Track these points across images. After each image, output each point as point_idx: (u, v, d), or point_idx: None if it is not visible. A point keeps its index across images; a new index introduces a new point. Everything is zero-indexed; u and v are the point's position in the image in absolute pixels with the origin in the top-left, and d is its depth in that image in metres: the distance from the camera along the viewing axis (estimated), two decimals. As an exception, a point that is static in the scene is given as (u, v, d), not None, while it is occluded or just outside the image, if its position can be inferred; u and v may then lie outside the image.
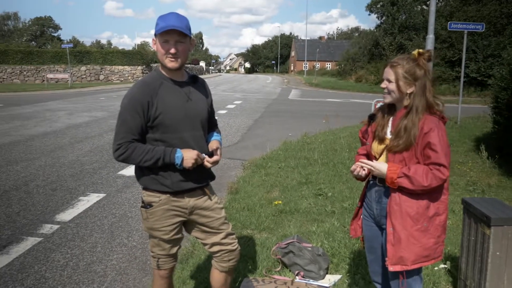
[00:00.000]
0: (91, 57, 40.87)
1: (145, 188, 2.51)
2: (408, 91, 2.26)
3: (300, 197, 5.57)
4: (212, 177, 2.66)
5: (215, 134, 2.72)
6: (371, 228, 2.56)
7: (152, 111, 2.36)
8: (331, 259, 3.79)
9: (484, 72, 25.69)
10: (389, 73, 2.29)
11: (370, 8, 45.61)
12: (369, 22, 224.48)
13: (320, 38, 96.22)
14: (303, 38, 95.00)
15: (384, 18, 42.37)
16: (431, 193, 2.25)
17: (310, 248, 3.66)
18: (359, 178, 2.45)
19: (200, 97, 2.56)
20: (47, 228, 4.71)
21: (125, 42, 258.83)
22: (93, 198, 5.79)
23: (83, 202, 5.60)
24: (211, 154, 2.53)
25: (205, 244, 2.70)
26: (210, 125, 2.69)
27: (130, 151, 2.36)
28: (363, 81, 38.07)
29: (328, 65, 77.40)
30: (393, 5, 40.63)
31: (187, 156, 2.39)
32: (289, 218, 4.87)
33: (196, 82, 2.59)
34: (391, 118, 2.38)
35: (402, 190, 2.24)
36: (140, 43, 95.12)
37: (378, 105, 12.11)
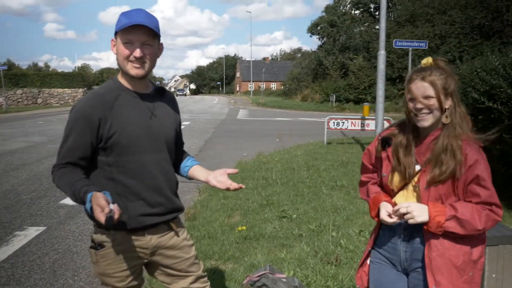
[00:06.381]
0: (28, 79, 38.92)
1: (97, 225, 2.04)
2: (446, 106, 1.83)
3: (263, 221, 5.21)
4: (180, 209, 2.18)
5: (192, 159, 2.31)
6: (387, 273, 2.02)
7: (105, 130, 1.90)
8: (307, 290, 3.45)
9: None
10: (425, 87, 1.80)
11: (311, 31, 47.15)
12: (311, 43, 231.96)
13: (264, 59, 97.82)
14: (248, 59, 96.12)
15: (325, 39, 43.75)
16: (476, 235, 1.86)
17: (285, 280, 3.30)
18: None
19: (166, 114, 2.12)
20: (-24, 272, 4.04)
21: (66, 64, 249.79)
22: (32, 232, 5.11)
23: (20, 238, 4.93)
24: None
25: None
26: (178, 147, 2.26)
27: (57, 179, 1.90)
28: (309, 100, 38.76)
29: (273, 85, 78.74)
30: (332, 27, 42.08)
31: (94, 202, 1.69)
32: (255, 245, 4.49)
33: (163, 95, 2.14)
34: (413, 147, 1.92)
35: (444, 235, 1.82)
36: (80, 65, 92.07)
37: (331, 122, 11.91)
